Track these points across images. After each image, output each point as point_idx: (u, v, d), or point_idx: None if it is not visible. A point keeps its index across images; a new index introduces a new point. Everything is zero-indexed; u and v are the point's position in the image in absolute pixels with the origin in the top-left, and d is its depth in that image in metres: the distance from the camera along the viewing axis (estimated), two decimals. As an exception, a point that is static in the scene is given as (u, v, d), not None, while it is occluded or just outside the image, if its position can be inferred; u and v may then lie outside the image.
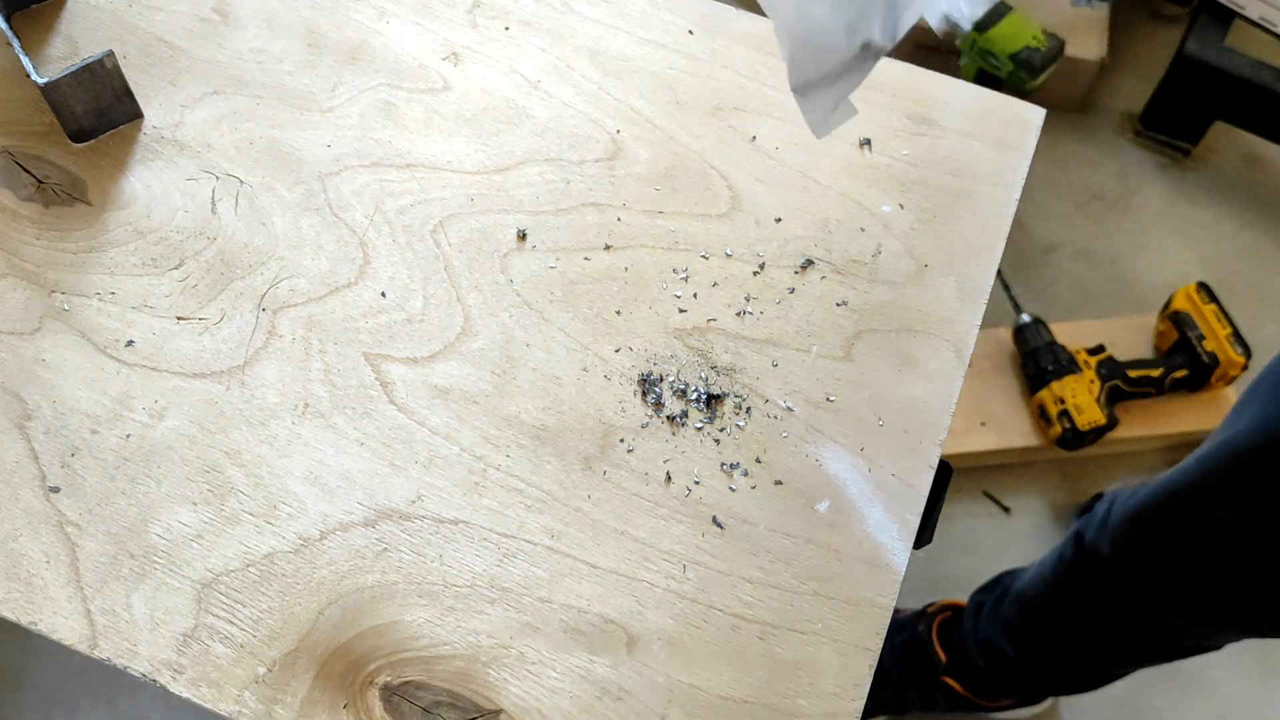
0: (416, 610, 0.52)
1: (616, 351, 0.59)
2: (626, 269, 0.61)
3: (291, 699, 0.50)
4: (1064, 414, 1.36)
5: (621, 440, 0.56)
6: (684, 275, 0.61)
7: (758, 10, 0.71)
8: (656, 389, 0.58)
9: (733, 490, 0.55)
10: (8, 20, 0.64)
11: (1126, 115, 1.66)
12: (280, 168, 0.64)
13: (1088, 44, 1.56)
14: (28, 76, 0.61)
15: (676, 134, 0.66)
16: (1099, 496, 1.20)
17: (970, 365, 0.59)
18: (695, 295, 0.61)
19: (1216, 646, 0.98)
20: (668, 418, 0.57)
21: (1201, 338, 1.38)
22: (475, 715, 0.50)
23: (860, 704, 0.51)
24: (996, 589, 1.20)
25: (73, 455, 0.55)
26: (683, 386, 0.58)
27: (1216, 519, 0.83)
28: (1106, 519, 0.97)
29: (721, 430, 0.57)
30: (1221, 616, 0.90)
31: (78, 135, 0.63)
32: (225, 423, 0.56)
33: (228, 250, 0.61)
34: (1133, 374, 1.39)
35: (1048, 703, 1.30)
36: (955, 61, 1.52)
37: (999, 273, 0.62)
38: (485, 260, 0.61)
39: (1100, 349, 1.41)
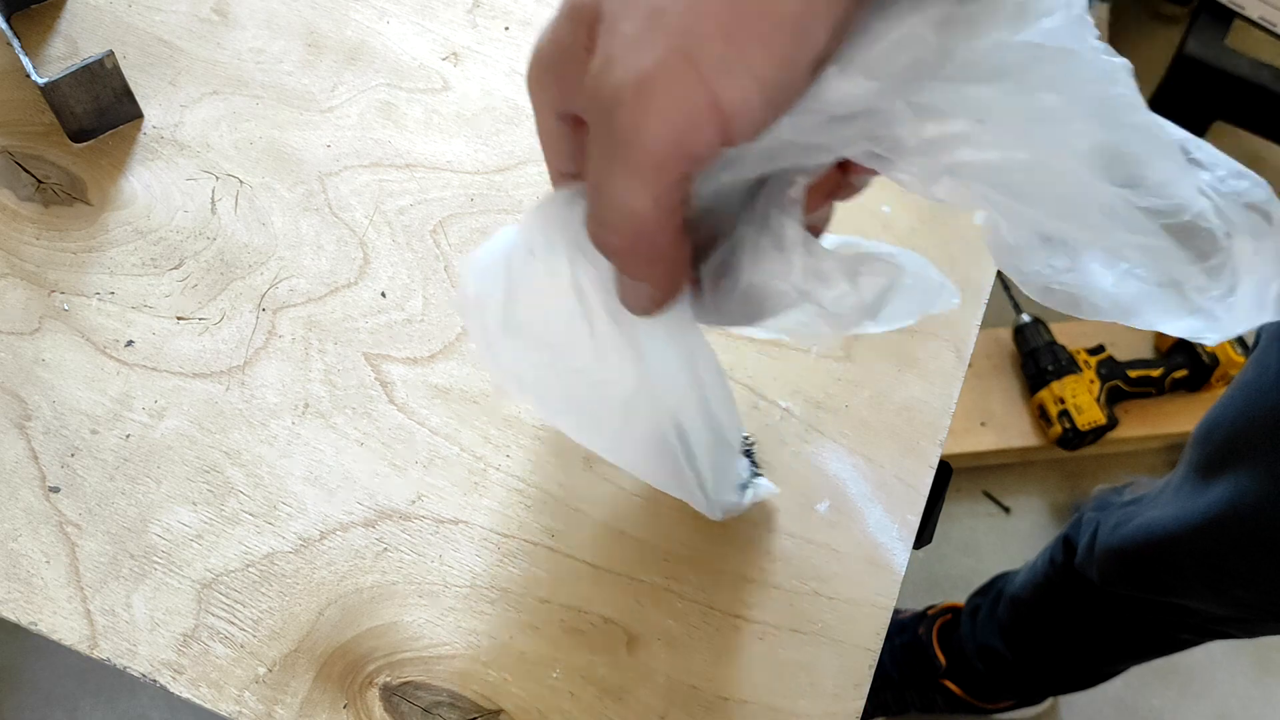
0: (416, 610, 0.52)
1: (616, 351, 0.59)
2: (626, 269, 0.61)
3: (291, 699, 0.50)
4: (1064, 414, 1.36)
5: (621, 440, 0.56)
6: (684, 275, 0.61)
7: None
8: None
9: (733, 490, 0.55)
10: (8, 20, 0.64)
11: (1126, 115, 1.66)
12: (280, 168, 0.64)
13: (1088, 44, 1.56)
14: (28, 76, 0.61)
15: (676, 134, 0.66)
16: (1108, 491, 1.20)
17: (970, 365, 0.59)
18: (695, 295, 0.61)
19: (1228, 636, 0.96)
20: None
21: (1201, 338, 1.38)
22: (475, 715, 0.50)
23: (860, 704, 0.51)
24: (991, 591, 1.20)
25: (73, 455, 0.55)
26: None
27: (1210, 569, 0.83)
28: (1092, 545, 0.96)
29: (721, 430, 0.57)
30: (1246, 619, 0.89)
31: (78, 135, 0.63)
32: (225, 423, 0.56)
33: (228, 250, 0.61)
34: (1133, 374, 1.39)
35: (1047, 703, 1.31)
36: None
37: (999, 273, 0.62)
38: (485, 260, 0.61)
39: (1100, 349, 1.41)
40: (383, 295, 0.60)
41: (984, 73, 0.31)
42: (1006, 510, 1.42)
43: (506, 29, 0.69)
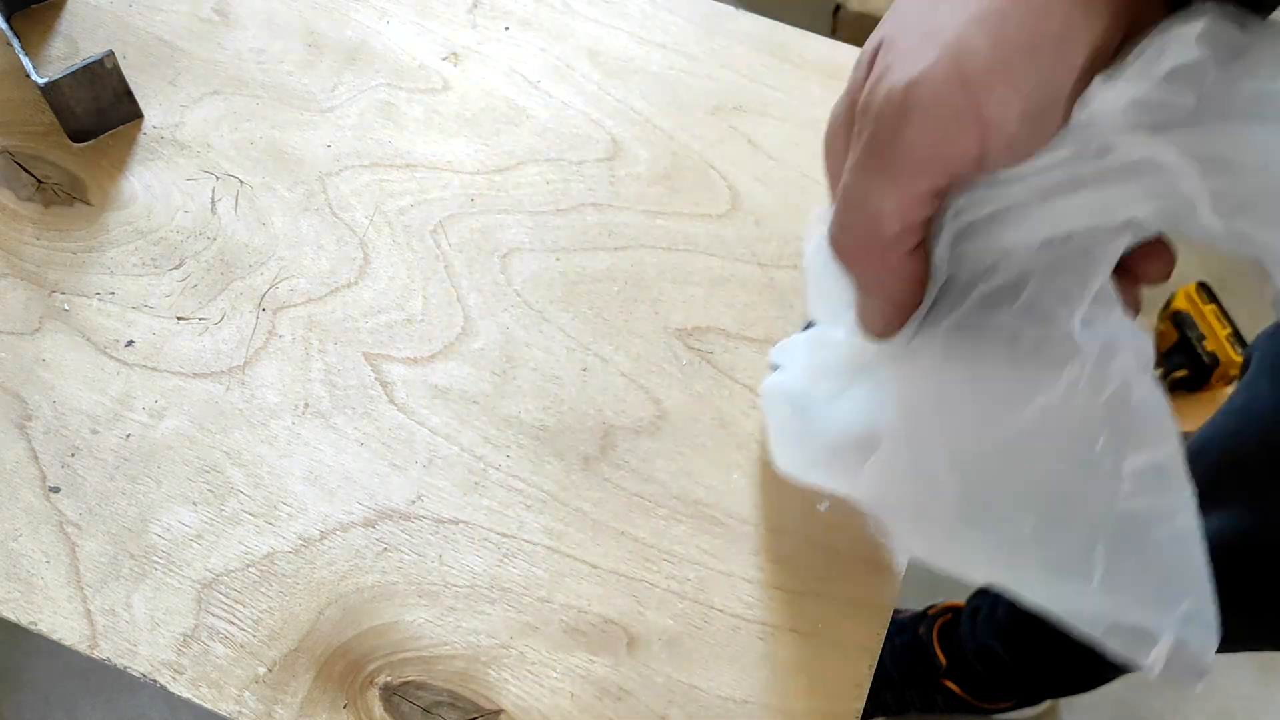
0: (416, 610, 0.52)
1: (617, 351, 0.59)
2: (626, 269, 0.61)
3: (291, 699, 0.50)
4: (1064, 414, 1.36)
5: (622, 440, 0.56)
6: (684, 275, 0.61)
7: (758, 10, 0.71)
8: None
9: (733, 490, 0.55)
10: (8, 20, 0.64)
11: (1126, 115, 1.66)
12: (280, 168, 0.64)
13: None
14: (28, 76, 0.61)
15: (676, 134, 0.66)
16: None
17: (970, 365, 0.59)
18: (695, 295, 0.61)
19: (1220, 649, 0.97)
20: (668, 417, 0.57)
21: (1201, 338, 1.38)
22: (475, 715, 0.50)
23: (860, 704, 0.51)
24: (991, 592, 1.20)
25: (73, 455, 0.55)
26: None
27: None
28: None
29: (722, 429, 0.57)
30: (1236, 637, 0.89)
31: (78, 135, 0.63)
32: (225, 423, 0.56)
33: (228, 250, 0.61)
34: (1133, 374, 1.39)
35: (1046, 704, 1.30)
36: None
37: (999, 273, 0.62)
38: (485, 260, 0.61)
39: (1100, 349, 1.41)
40: (383, 295, 0.60)
41: (1255, 114, 0.30)
42: (1007, 510, 1.42)
43: (506, 29, 0.69)
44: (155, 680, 0.50)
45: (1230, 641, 0.88)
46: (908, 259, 0.33)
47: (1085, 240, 0.33)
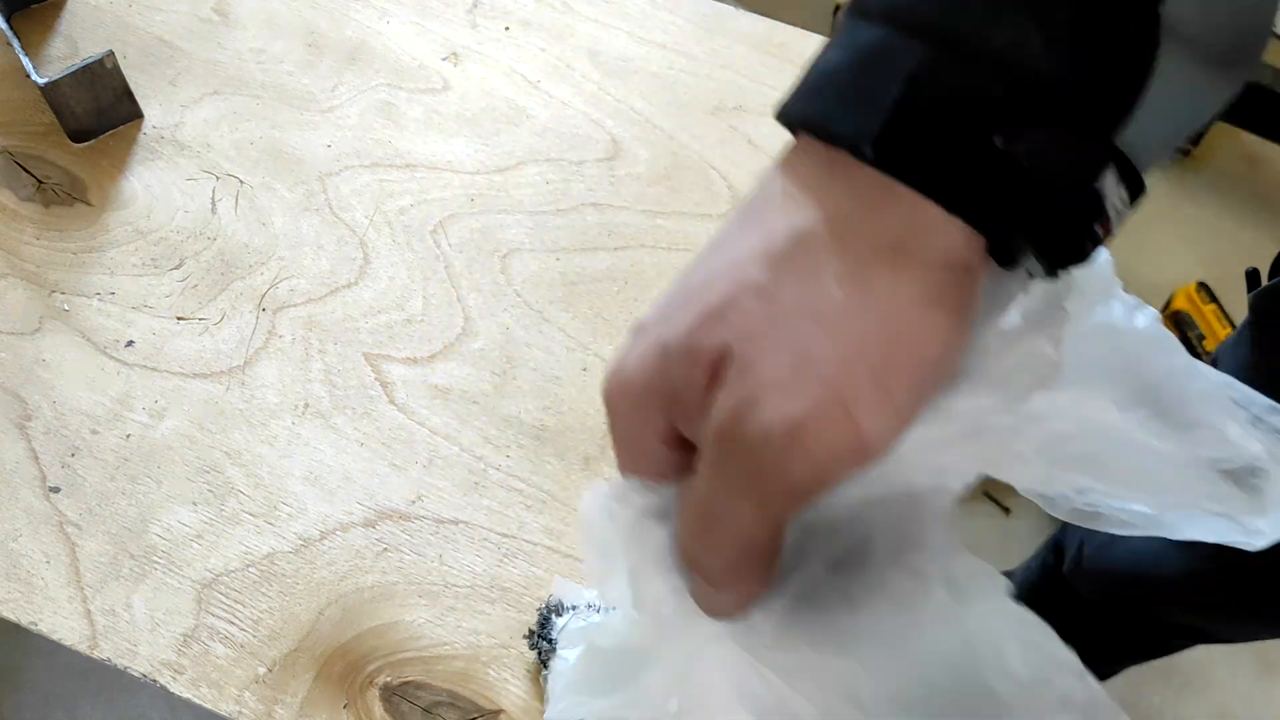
0: (416, 610, 0.52)
1: (616, 351, 0.59)
2: (626, 269, 0.61)
3: (291, 699, 0.50)
4: (1064, 414, 1.36)
5: (621, 440, 0.56)
6: (684, 275, 0.61)
7: (758, 10, 0.71)
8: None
9: (733, 490, 0.55)
10: (8, 20, 0.64)
11: (1126, 115, 1.66)
12: (280, 168, 0.64)
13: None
14: (28, 76, 0.61)
15: (676, 134, 0.66)
16: None
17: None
18: (695, 295, 0.61)
19: (1219, 641, 0.97)
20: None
21: (1202, 338, 1.38)
22: (475, 715, 0.50)
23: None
24: None
25: (73, 455, 0.55)
26: None
27: (1194, 606, 0.84)
28: (1079, 558, 0.97)
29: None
30: (1233, 637, 0.89)
31: (78, 135, 0.63)
32: (225, 423, 0.56)
33: (228, 250, 0.61)
34: (1132, 373, 1.39)
35: (1047, 702, 1.31)
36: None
37: (999, 273, 0.62)
38: (485, 260, 0.61)
39: (1100, 349, 1.41)
40: (383, 295, 0.60)
41: (1070, 367, 0.32)
42: (1006, 511, 1.42)
43: (506, 29, 0.69)
44: (155, 680, 0.50)
45: (1234, 626, 0.89)
46: (775, 558, 0.33)
47: (918, 497, 0.34)
